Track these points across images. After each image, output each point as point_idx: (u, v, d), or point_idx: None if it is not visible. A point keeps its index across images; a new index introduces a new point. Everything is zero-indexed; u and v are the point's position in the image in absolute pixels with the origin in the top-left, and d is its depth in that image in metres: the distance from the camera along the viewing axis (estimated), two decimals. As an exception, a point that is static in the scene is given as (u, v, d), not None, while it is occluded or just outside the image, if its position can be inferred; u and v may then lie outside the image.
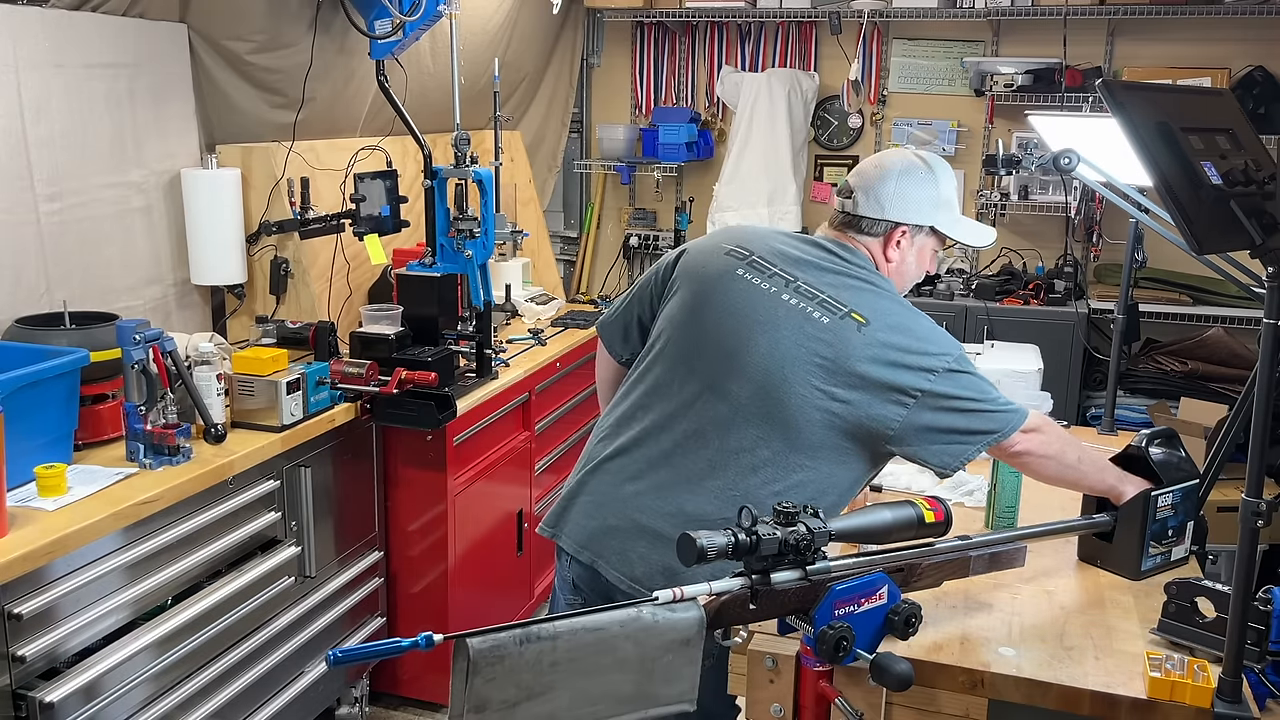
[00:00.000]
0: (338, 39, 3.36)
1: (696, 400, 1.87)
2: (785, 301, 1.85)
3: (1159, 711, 1.51)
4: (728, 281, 1.91)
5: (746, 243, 1.96)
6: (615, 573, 1.86)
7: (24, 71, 2.49)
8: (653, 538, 1.83)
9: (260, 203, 3.17)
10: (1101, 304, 4.27)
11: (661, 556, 1.82)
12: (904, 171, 1.91)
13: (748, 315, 1.86)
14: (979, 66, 4.58)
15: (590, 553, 1.90)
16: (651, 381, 1.95)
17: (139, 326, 2.30)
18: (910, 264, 1.96)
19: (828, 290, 1.85)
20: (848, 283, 1.87)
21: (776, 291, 1.86)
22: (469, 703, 1.17)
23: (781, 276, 1.88)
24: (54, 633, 1.99)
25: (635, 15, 5.02)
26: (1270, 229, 1.40)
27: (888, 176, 1.90)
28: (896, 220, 1.90)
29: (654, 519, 1.84)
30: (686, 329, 1.93)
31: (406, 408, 2.82)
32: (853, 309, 1.81)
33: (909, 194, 1.90)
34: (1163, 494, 1.89)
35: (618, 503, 1.89)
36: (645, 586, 1.80)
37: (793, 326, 1.82)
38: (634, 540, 1.86)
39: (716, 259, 1.95)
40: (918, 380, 1.77)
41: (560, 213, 5.46)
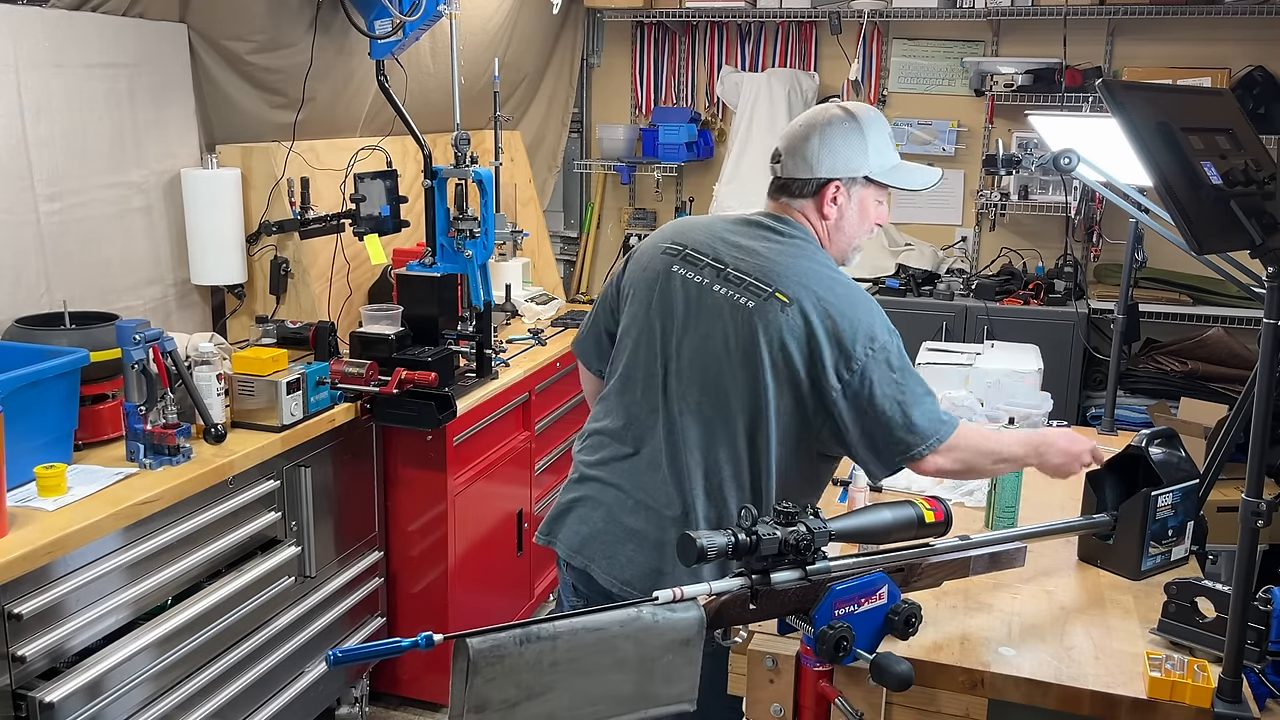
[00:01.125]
0: (338, 39, 3.36)
1: (657, 404, 1.89)
2: (716, 292, 1.84)
3: (1159, 711, 1.51)
4: (664, 281, 1.91)
5: (682, 237, 1.95)
6: (607, 576, 1.89)
7: (24, 71, 2.49)
8: (639, 540, 1.87)
9: (260, 203, 3.17)
10: (1101, 304, 4.26)
11: (648, 558, 1.86)
12: (827, 125, 1.86)
13: (682, 313, 1.88)
14: (979, 66, 4.58)
15: (583, 557, 1.93)
16: (618, 391, 1.98)
17: (139, 326, 2.30)
18: (851, 219, 1.91)
19: (755, 272, 1.83)
20: (777, 260, 1.84)
21: (708, 283, 1.86)
22: (469, 703, 1.17)
23: (713, 266, 1.87)
24: (54, 633, 1.99)
25: (635, 15, 5.02)
26: (1270, 229, 1.40)
27: (811, 134, 1.86)
28: (826, 176, 1.86)
29: (636, 521, 1.88)
30: (638, 335, 1.94)
31: (406, 408, 2.82)
32: (777, 289, 1.80)
33: (835, 147, 1.85)
34: (1163, 494, 1.89)
35: (603, 508, 1.92)
36: (636, 588, 1.82)
37: (722, 318, 1.82)
38: (621, 544, 1.89)
39: (655, 260, 1.95)
40: (840, 367, 1.76)
41: (560, 213, 5.46)
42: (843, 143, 1.86)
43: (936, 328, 4.27)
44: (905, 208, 4.93)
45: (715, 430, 1.84)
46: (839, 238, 1.92)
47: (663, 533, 1.86)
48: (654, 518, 1.87)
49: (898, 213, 4.94)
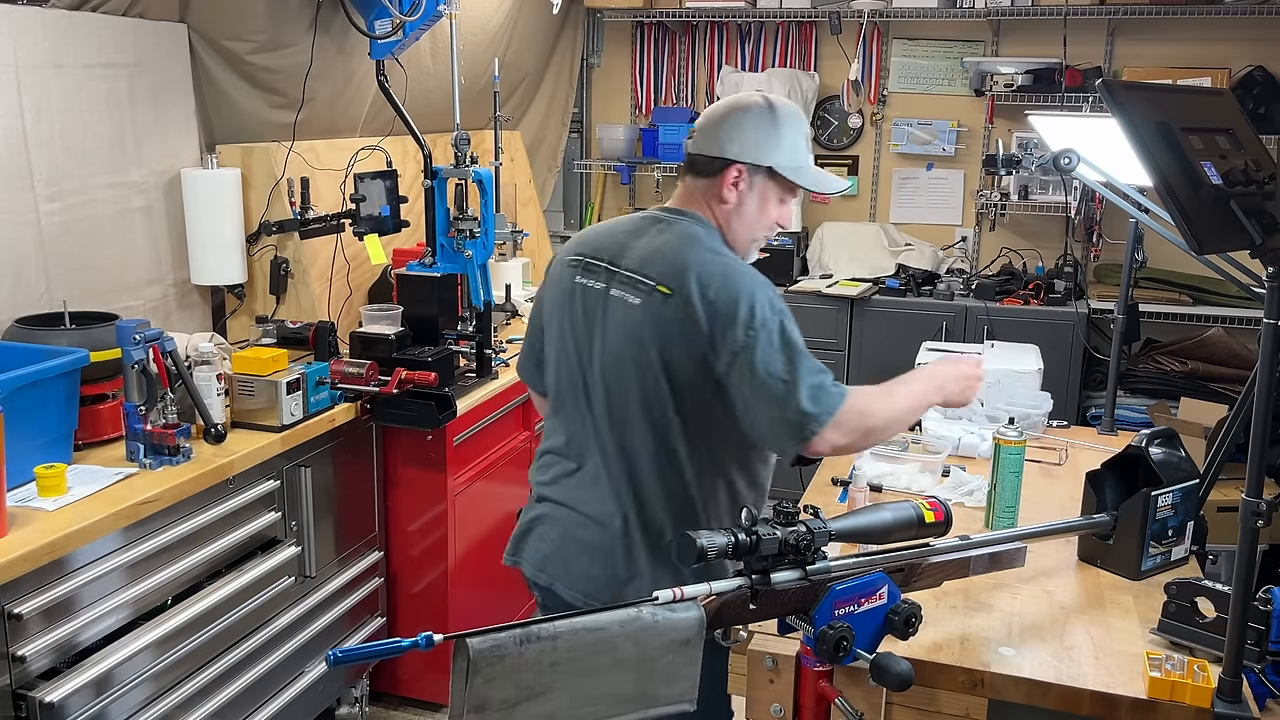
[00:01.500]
0: (338, 39, 3.36)
1: (586, 418, 1.90)
2: (611, 296, 1.84)
3: (1159, 711, 1.51)
4: (570, 293, 1.92)
5: (582, 245, 1.95)
6: (570, 592, 1.91)
7: (24, 71, 2.49)
8: (591, 554, 1.88)
9: (260, 203, 3.17)
10: (1101, 304, 4.27)
11: (603, 570, 1.87)
12: (743, 111, 1.84)
13: (586, 322, 1.88)
14: (979, 66, 4.58)
15: (546, 575, 1.96)
16: (553, 410, 1.99)
17: (139, 326, 2.30)
18: (750, 209, 1.87)
19: (640, 267, 1.82)
20: (662, 251, 1.82)
21: (604, 288, 1.86)
22: (469, 703, 1.17)
23: (607, 270, 1.87)
24: (54, 633, 1.98)
25: (635, 15, 5.02)
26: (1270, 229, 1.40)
27: (726, 116, 1.84)
28: (731, 157, 1.83)
29: (587, 535, 1.89)
30: (558, 354, 1.96)
31: (406, 408, 2.82)
32: (659, 281, 1.78)
33: (746, 132, 1.82)
34: (1163, 494, 1.89)
35: (558, 525, 1.95)
36: (598, 601, 1.83)
37: (617, 320, 1.83)
38: (576, 559, 1.91)
39: (562, 274, 1.95)
40: (724, 351, 1.73)
41: (560, 213, 5.46)
42: (754, 130, 1.82)
43: (936, 328, 4.27)
44: (905, 208, 4.93)
45: (632, 436, 1.83)
46: (737, 226, 1.88)
47: (611, 544, 1.87)
48: (600, 531, 1.88)
49: (898, 212, 4.94)
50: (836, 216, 4.98)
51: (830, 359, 4.42)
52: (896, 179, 4.93)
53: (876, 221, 4.96)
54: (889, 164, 4.94)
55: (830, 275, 4.69)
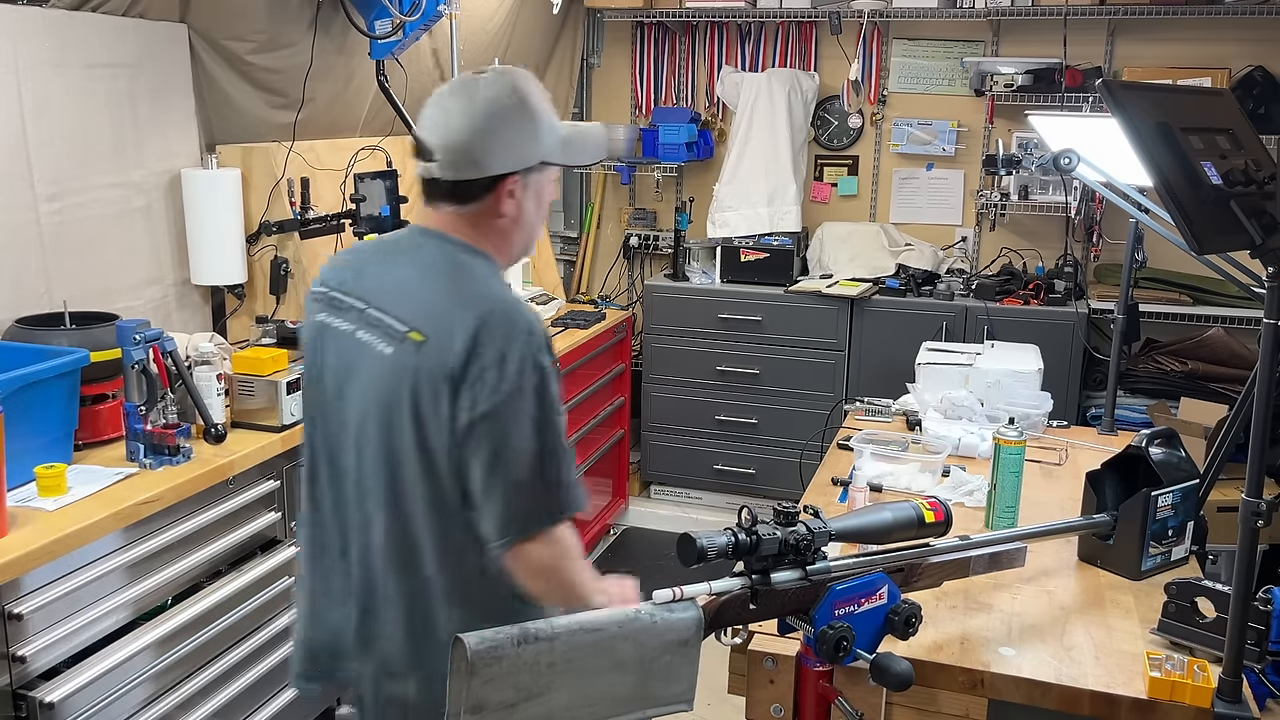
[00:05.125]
0: (338, 39, 3.36)
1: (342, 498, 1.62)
2: (359, 340, 1.56)
3: (1159, 711, 1.51)
4: (317, 334, 1.64)
5: (331, 275, 1.67)
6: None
7: (24, 71, 2.49)
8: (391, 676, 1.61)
9: (260, 203, 3.17)
10: (1101, 304, 4.26)
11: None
12: (496, 116, 1.54)
13: (334, 369, 1.60)
14: (979, 66, 4.58)
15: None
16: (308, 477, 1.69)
17: (139, 326, 2.30)
18: (530, 211, 1.62)
19: (393, 308, 1.55)
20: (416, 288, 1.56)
21: (352, 329, 1.58)
22: (467, 704, 1.17)
23: (355, 308, 1.59)
24: (54, 633, 1.98)
25: (635, 15, 5.02)
26: (1270, 229, 1.40)
27: (476, 126, 1.53)
28: (500, 171, 1.55)
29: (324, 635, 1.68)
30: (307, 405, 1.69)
31: (406, 408, 2.82)
32: (413, 326, 1.51)
33: (508, 141, 1.55)
34: (1163, 494, 1.89)
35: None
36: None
37: (365, 369, 1.55)
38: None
39: (311, 307, 1.66)
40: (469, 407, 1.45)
41: (560, 213, 5.46)
42: (517, 132, 1.56)
43: (936, 328, 4.27)
44: (905, 208, 4.93)
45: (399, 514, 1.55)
46: (518, 234, 1.63)
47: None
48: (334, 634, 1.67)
49: (898, 212, 4.94)
50: (836, 216, 4.98)
51: (830, 359, 4.42)
52: (896, 179, 4.93)
53: (876, 221, 4.95)
54: (889, 164, 4.94)
55: (830, 275, 4.68)
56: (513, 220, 1.60)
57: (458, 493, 1.50)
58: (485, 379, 1.45)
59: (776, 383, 4.49)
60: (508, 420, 1.45)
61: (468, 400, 1.45)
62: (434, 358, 1.47)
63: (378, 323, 1.55)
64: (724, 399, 4.57)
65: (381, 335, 1.54)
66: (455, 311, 1.49)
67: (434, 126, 1.56)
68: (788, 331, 4.44)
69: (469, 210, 1.58)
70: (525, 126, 1.56)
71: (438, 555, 1.53)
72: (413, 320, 1.52)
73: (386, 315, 1.55)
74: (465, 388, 1.45)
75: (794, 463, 4.15)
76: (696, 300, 4.55)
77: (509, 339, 1.46)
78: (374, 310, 1.56)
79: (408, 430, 1.50)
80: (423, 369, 1.48)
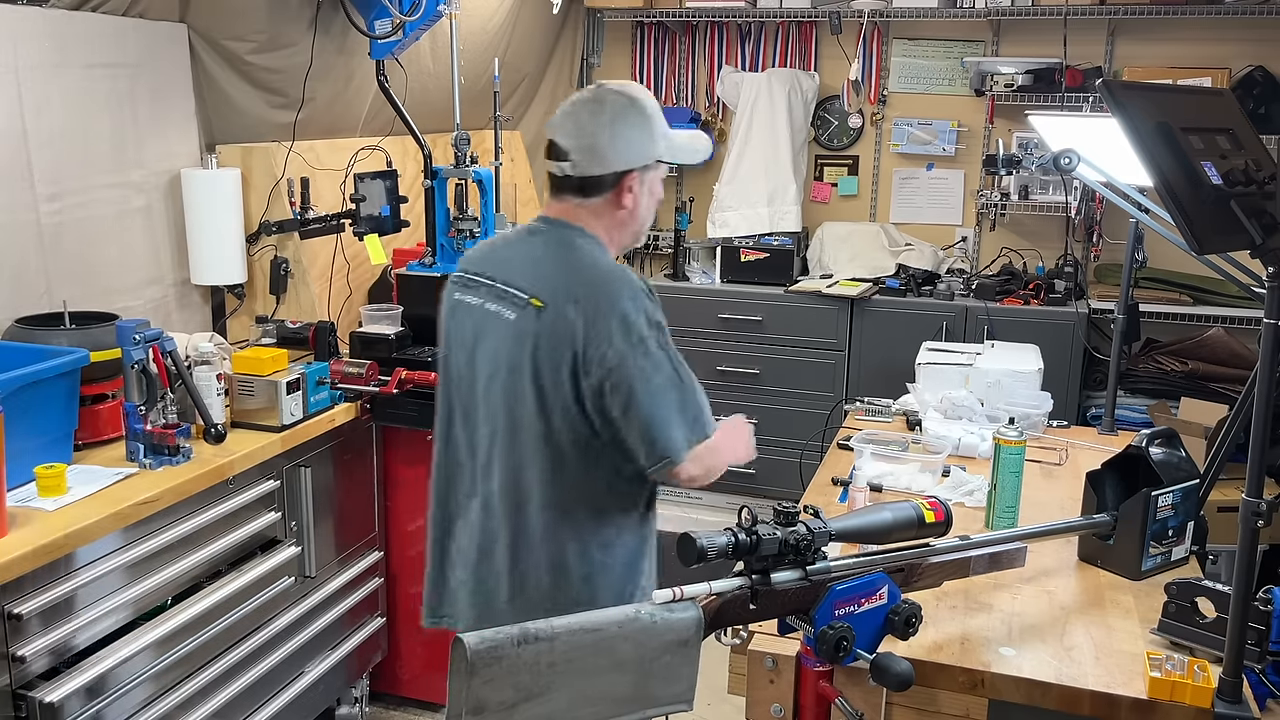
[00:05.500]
0: (338, 39, 3.36)
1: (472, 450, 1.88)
2: (488, 311, 1.83)
3: (1159, 711, 1.51)
4: (451, 312, 1.93)
5: (466, 263, 1.96)
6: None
7: (24, 71, 2.49)
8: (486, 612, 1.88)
9: (260, 203, 3.17)
10: (1101, 304, 4.26)
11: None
12: (616, 117, 1.81)
13: (466, 339, 1.88)
14: (979, 66, 4.58)
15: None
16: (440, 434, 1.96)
17: (139, 326, 2.29)
18: (645, 204, 1.88)
19: (516, 281, 1.81)
20: (538, 263, 1.83)
21: (481, 303, 1.85)
22: (467, 704, 1.17)
23: (486, 285, 1.86)
24: (54, 633, 1.98)
25: (635, 15, 5.02)
26: (1270, 229, 1.40)
27: (604, 127, 1.81)
28: (624, 168, 1.82)
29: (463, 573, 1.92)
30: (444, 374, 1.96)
31: (406, 408, 2.82)
32: (534, 294, 1.78)
33: (629, 138, 1.81)
34: (1163, 494, 1.89)
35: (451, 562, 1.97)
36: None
37: (493, 334, 1.82)
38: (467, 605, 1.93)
39: (448, 289, 1.95)
40: (596, 365, 1.72)
41: (560, 213, 5.46)
42: (637, 134, 1.82)
43: (937, 328, 4.27)
44: (905, 208, 4.93)
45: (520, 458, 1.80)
46: (631, 224, 1.88)
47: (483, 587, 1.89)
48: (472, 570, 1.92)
49: (898, 212, 4.94)
50: (836, 216, 4.98)
51: (830, 359, 4.42)
52: (896, 179, 4.93)
53: (876, 221, 4.95)
54: (889, 164, 4.93)
55: (830, 275, 4.68)
56: (630, 212, 1.86)
57: (571, 442, 1.76)
58: (612, 339, 1.71)
59: (776, 383, 4.49)
60: (638, 370, 1.71)
61: (597, 357, 1.71)
62: (553, 322, 1.74)
63: (504, 294, 1.82)
64: (724, 399, 4.56)
65: (508, 304, 1.81)
66: (573, 282, 1.76)
67: (567, 130, 1.83)
68: (788, 331, 4.44)
69: (592, 202, 1.84)
70: (643, 129, 1.83)
71: (543, 499, 1.79)
72: (534, 290, 1.78)
73: (511, 287, 1.81)
74: (591, 348, 1.71)
75: (794, 463, 4.15)
76: (696, 300, 4.55)
77: (625, 302, 1.73)
78: (500, 284, 1.83)
79: (528, 387, 1.76)
80: (542, 333, 1.75)
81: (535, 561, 1.81)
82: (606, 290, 1.74)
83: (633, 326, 1.72)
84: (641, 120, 1.83)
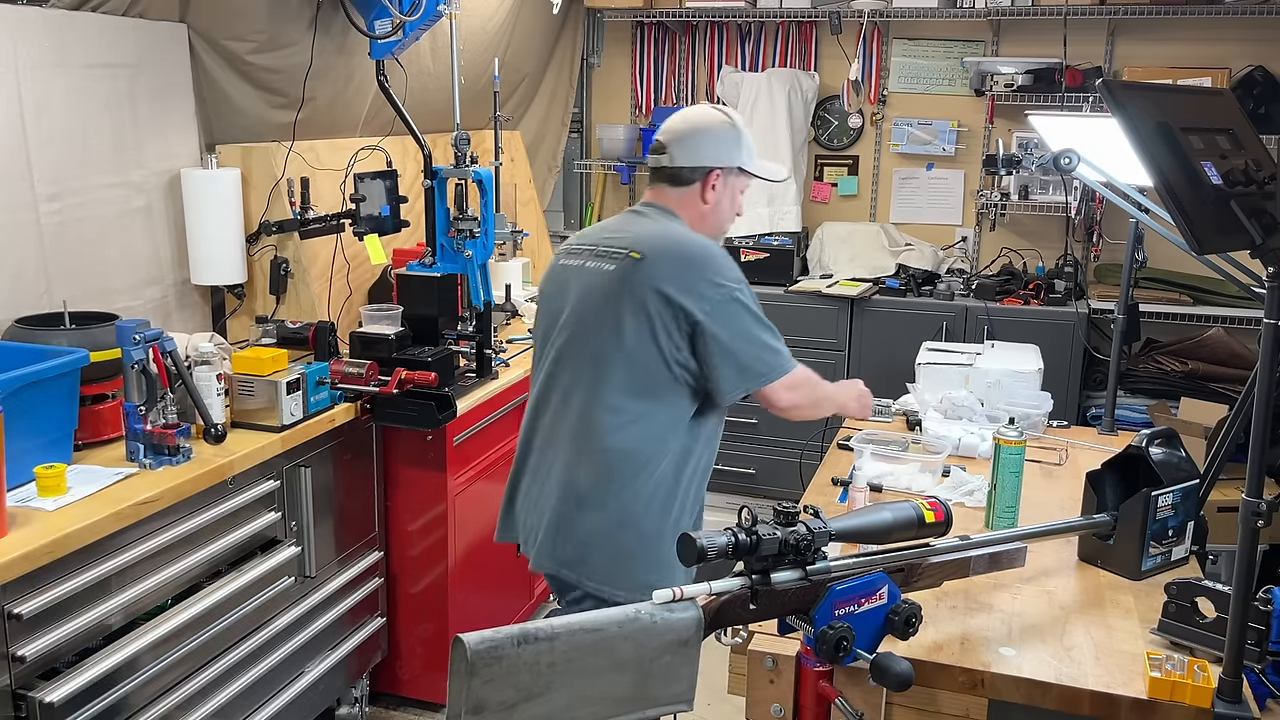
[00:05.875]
0: (338, 39, 3.36)
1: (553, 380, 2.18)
2: (587, 267, 2.15)
3: (1159, 711, 1.51)
4: (554, 275, 2.25)
5: (573, 240, 2.28)
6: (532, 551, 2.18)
7: (24, 71, 2.49)
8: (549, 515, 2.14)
9: (260, 203, 3.17)
10: (1101, 304, 4.26)
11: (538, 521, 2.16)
12: (711, 124, 2.19)
13: (563, 291, 2.19)
14: (979, 66, 4.58)
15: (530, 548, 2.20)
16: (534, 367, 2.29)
17: (139, 326, 2.29)
18: (725, 204, 2.21)
19: (618, 243, 2.12)
20: (638, 230, 2.14)
21: (582, 263, 2.17)
22: (467, 704, 1.17)
23: (589, 250, 2.18)
24: (54, 633, 1.98)
25: (635, 15, 5.02)
26: (1270, 229, 1.40)
27: (698, 130, 2.18)
28: (710, 165, 2.16)
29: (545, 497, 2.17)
30: (540, 333, 2.26)
31: (406, 408, 2.82)
32: (631, 249, 2.09)
33: (718, 142, 2.17)
34: (1163, 494, 1.89)
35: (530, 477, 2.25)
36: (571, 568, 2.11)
37: (590, 282, 2.12)
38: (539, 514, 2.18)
39: (552, 267, 2.28)
40: (696, 304, 2.03)
41: (560, 213, 5.46)
42: (724, 138, 2.18)
43: (937, 328, 4.27)
44: (905, 208, 4.93)
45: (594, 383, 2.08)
46: (713, 220, 2.21)
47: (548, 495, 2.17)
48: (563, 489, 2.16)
49: (898, 212, 4.95)
50: (836, 216, 4.98)
51: (830, 359, 4.42)
52: (896, 179, 4.93)
53: (876, 221, 4.96)
54: (889, 164, 4.94)
55: (830, 275, 4.69)
56: (711, 209, 2.20)
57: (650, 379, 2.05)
58: (706, 293, 2.03)
59: (776, 383, 4.49)
60: (725, 319, 2.03)
61: (694, 306, 2.02)
62: (650, 270, 2.04)
63: (605, 253, 2.13)
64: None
65: (607, 260, 2.12)
66: (668, 242, 2.10)
67: (669, 129, 2.20)
68: (788, 331, 4.36)
69: (680, 192, 2.19)
70: (731, 140, 2.19)
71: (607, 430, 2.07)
72: (634, 245, 2.09)
73: (612, 246, 2.13)
74: (686, 300, 2.02)
75: (794, 463, 4.15)
76: (696, 300, 4.54)
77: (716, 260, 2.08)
78: (602, 246, 2.15)
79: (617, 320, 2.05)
80: (640, 278, 2.05)
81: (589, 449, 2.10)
82: (700, 248, 2.09)
83: (723, 277, 2.05)
84: (731, 133, 2.19)
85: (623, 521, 2.06)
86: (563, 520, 2.11)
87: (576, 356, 2.12)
